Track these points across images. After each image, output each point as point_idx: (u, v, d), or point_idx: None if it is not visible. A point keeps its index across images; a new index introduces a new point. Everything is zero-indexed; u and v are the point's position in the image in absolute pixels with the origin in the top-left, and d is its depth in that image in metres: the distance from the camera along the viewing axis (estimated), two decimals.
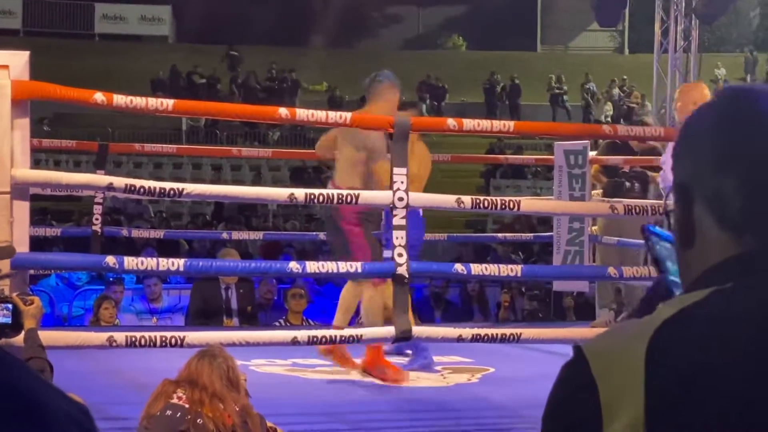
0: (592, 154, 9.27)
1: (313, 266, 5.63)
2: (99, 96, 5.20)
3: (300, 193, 5.65)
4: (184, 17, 32.07)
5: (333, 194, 5.66)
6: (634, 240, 9.00)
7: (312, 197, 5.61)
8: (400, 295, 5.68)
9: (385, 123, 5.97)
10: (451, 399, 6.31)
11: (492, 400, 6.31)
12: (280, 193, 5.93)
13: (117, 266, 5.24)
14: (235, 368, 4.29)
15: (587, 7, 14.84)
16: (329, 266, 5.67)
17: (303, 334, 5.61)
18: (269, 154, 13.64)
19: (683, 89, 7.48)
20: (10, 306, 4.01)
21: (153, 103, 5.51)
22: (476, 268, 6.01)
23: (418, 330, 5.78)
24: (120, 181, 5.41)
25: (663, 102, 13.04)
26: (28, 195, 5.12)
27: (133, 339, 5.09)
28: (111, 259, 5.23)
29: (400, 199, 5.60)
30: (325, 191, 5.71)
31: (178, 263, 5.55)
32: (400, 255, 5.60)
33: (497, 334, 5.80)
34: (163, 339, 5.12)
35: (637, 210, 6.43)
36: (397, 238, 5.63)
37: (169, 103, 5.52)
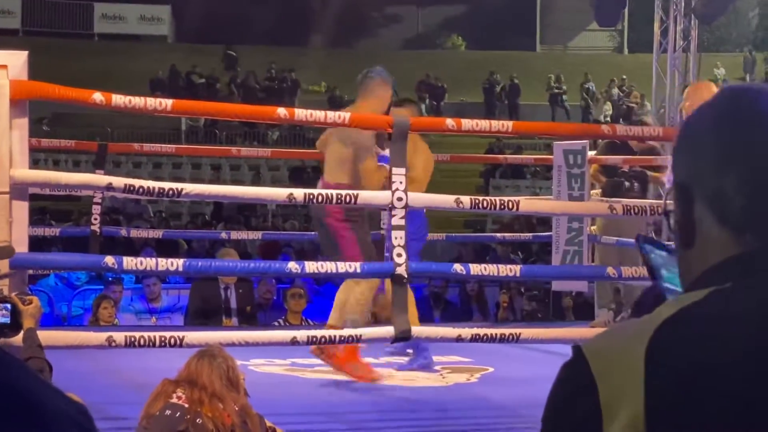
0: (591, 153, 9.28)
1: (312, 266, 5.63)
2: (98, 96, 5.20)
3: (299, 193, 5.64)
4: (184, 17, 32.06)
5: (332, 194, 5.65)
6: (633, 240, 9.01)
7: (311, 197, 5.60)
8: (399, 294, 5.67)
9: (384, 123, 5.96)
10: (450, 399, 6.31)
11: (491, 399, 6.31)
12: (279, 193, 5.92)
13: (116, 266, 5.24)
14: (235, 368, 4.29)
15: (586, 7, 14.84)
16: (328, 266, 5.66)
17: (302, 334, 5.61)
18: (268, 153, 13.64)
19: (692, 89, 7.47)
20: (9, 306, 4.01)
21: (152, 103, 5.51)
22: (475, 268, 6.00)
23: (417, 330, 5.77)
24: (119, 181, 5.41)
25: (662, 102, 13.03)
26: (27, 195, 5.11)
27: (132, 339, 5.09)
28: (110, 259, 5.23)
29: (399, 199, 5.59)
30: (324, 191, 5.69)
31: (177, 263, 5.54)
32: (399, 255, 5.60)
33: (496, 334, 5.80)
34: (162, 339, 5.12)
35: (636, 210, 6.43)
36: (395, 238, 5.62)
37: (167, 103, 5.51)
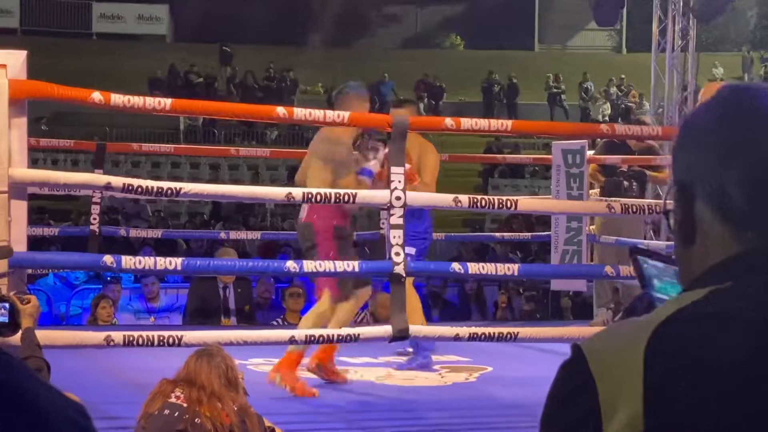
0: (589, 153, 9.28)
1: (310, 265, 5.62)
2: (96, 95, 5.20)
3: (298, 192, 5.64)
4: (182, 16, 32.03)
5: (330, 193, 5.64)
6: (632, 239, 9.01)
7: (309, 196, 5.60)
8: (397, 293, 5.67)
9: (383, 122, 5.97)
10: (449, 398, 6.31)
11: (490, 399, 6.31)
12: (278, 192, 5.92)
13: (114, 265, 5.23)
14: (234, 368, 4.28)
15: (585, 7, 14.83)
16: (327, 265, 5.66)
17: (300, 334, 5.61)
18: (267, 153, 13.61)
19: (708, 89, 7.48)
20: (7, 305, 4.01)
21: (150, 102, 5.51)
22: (473, 267, 6.00)
23: (415, 329, 5.77)
24: (118, 181, 5.41)
25: (661, 101, 13.03)
26: (26, 194, 5.11)
27: (131, 338, 5.08)
28: (108, 259, 5.22)
29: (398, 198, 5.59)
30: (322, 190, 5.68)
31: (175, 262, 5.54)
32: (397, 254, 5.59)
33: (495, 333, 5.79)
34: (161, 338, 5.12)
35: (635, 209, 6.43)
36: (394, 237, 5.61)
37: (166, 102, 5.51)
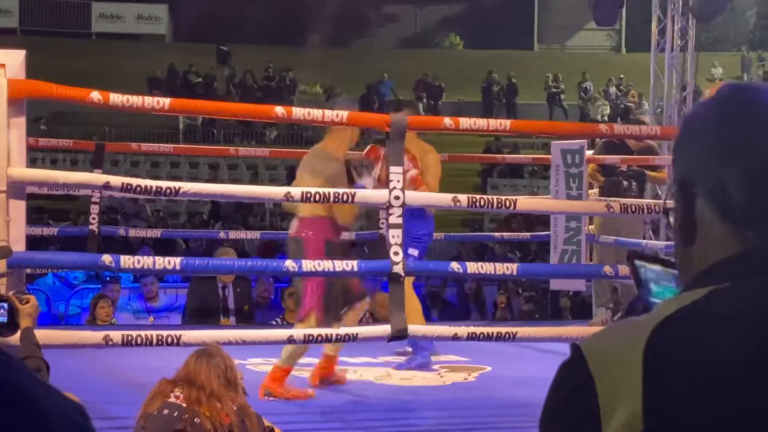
0: (589, 153, 9.28)
1: (309, 265, 5.62)
2: (95, 95, 5.19)
3: (296, 192, 5.64)
4: (181, 16, 32.03)
5: (329, 193, 5.63)
6: (631, 239, 9.01)
7: (308, 196, 5.60)
8: (396, 293, 5.67)
9: (381, 122, 5.96)
10: (448, 398, 6.31)
11: (489, 398, 6.32)
12: (277, 192, 5.92)
13: (113, 265, 5.23)
14: (233, 368, 4.28)
15: (584, 6, 14.81)
16: (325, 265, 5.66)
17: (299, 333, 5.61)
18: (266, 153, 13.60)
19: (713, 91, 7.49)
20: (6, 305, 4.01)
21: (149, 102, 5.50)
22: (472, 267, 5.99)
23: (414, 329, 5.77)
24: (117, 180, 5.41)
25: (660, 101, 13.03)
26: (25, 194, 5.11)
27: (130, 338, 5.08)
28: (107, 258, 5.22)
29: (396, 198, 5.59)
30: (321, 190, 5.67)
31: (174, 262, 5.54)
32: (396, 254, 5.59)
33: (493, 333, 5.79)
34: (160, 338, 5.12)
35: (634, 209, 6.44)
36: (393, 236, 5.61)
37: (165, 102, 5.51)
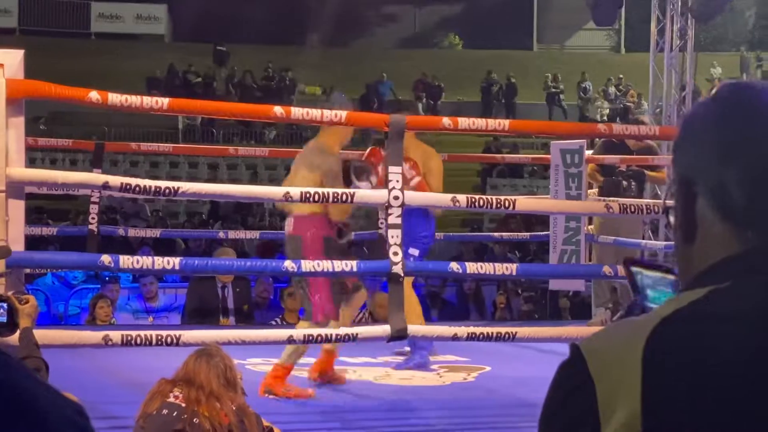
0: (588, 153, 9.28)
1: (308, 265, 5.62)
2: (94, 95, 5.19)
3: (296, 192, 5.64)
4: (181, 16, 32.03)
5: (328, 192, 5.64)
6: (631, 239, 9.01)
7: (307, 196, 5.60)
8: (395, 293, 5.66)
9: (380, 122, 5.96)
10: (447, 397, 6.31)
11: (488, 398, 6.32)
12: (276, 192, 5.92)
13: (113, 265, 5.23)
14: (233, 368, 4.28)
15: (583, 6, 14.79)
16: (325, 265, 5.66)
17: (299, 333, 5.61)
18: (266, 153, 13.58)
19: None
20: (5, 305, 4.00)
21: (148, 101, 5.50)
22: (471, 267, 6.00)
23: (413, 329, 5.77)
24: (116, 180, 5.41)
25: (659, 101, 13.03)
26: (24, 194, 5.11)
27: (129, 338, 5.08)
28: (107, 258, 5.22)
29: (396, 198, 5.58)
30: (320, 190, 5.67)
31: (174, 262, 5.54)
32: (395, 254, 5.59)
33: (493, 333, 5.79)
34: (159, 338, 5.12)
35: (633, 209, 6.44)
36: (392, 236, 5.61)
37: (164, 102, 5.50)
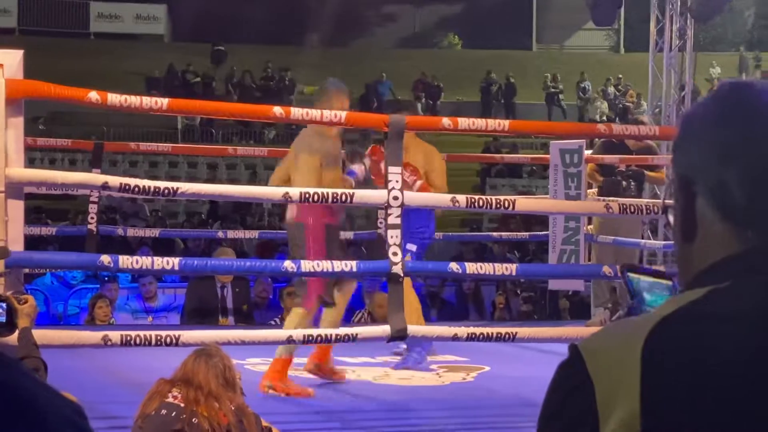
0: (587, 153, 9.28)
1: (307, 265, 5.62)
2: (94, 95, 5.19)
3: (295, 192, 5.64)
4: (180, 16, 32.02)
5: (328, 193, 5.64)
6: (630, 239, 9.02)
7: (307, 196, 5.60)
8: (395, 293, 5.66)
9: (379, 122, 5.96)
10: (446, 397, 6.31)
11: (487, 398, 6.32)
12: (276, 192, 5.92)
13: (112, 265, 5.23)
14: (232, 368, 4.28)
15: (582, 6, 14.78)
16: (324, 265, 5.66)
17: (298, 333, 5.61)
18: (265, 152, 13.57)
19: None
20: (4, 305, 4.00)
21: (147, 102, 5.50)
22: (471, 267, 6.00)
23: (413, 329, 5.77)
24: (115, 180, 5.41)
25: (658, 101, 13.03)
26: (23, 194, 5.11)
27: (128, 338, 5.08)
28: (106, 258, 5.22)
29: (395, 198, 5.58)
30: (320, 190, 5.67)
31: (173, 262, 5.54)
32: (394, 254, 5.59)
33: (492, 333, 5.79)
34: (158, 338, 5.12)
35: (633, 209, 6.44)
36: (391, 236, 5.61)
37: (163, 102, 5.51)
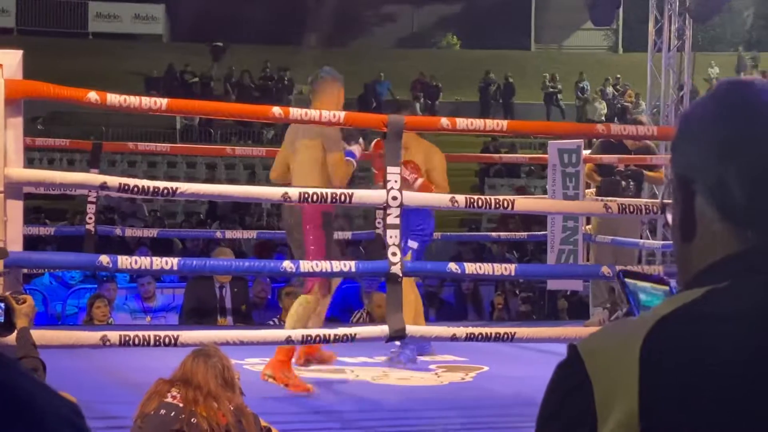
0: (586, 152, 9.28)
1: (306, 265, 5.62)
2: (93, 95, 5.19)
3: (294, 192, 5.64)
4: (178, 16, 32.02)
5: (327, 193, 5.64)
6: (628, 239, 9.02)
7: (306, 196, 5.60)
8: (393, 293, 5.67)
9: (378, 122, 5.96)
10: (445, 397, 6.31)
11: (486, 398, 6.31)
12: (274, 192, 5.92)
13: (110, 265, 5.23)
14: (230, 367, 4.28)
15: (581, 6, 14.81)
16: (323, 265, 5.66)
17: (297, 333, 5.61)
18: (263, 152, 13.55)
19: None
20: (3, 305, 4.00)
21: (146, 102, 5.50)
22: (470, 267, 6.00)
23: (412, 329, 5.77)
24: (113, 180, 5.41)
25: (657, 101, 13.03)
26: (22, 194, 5.11)
27: (127, 338, 5.08)
28: (104, 258, 5.22)
29: (394, 198, 5.59)
30: (319, 190, 5.68)
31: (171, 262, 5.54)
32: (393, 254, 5.59)
33: (491, 333, 5.79)
34: (157, 338, 5.12)
35: (631, 209, 6.44)
36: (390, 236, 5.61)
37: (162, 102, 5.51)
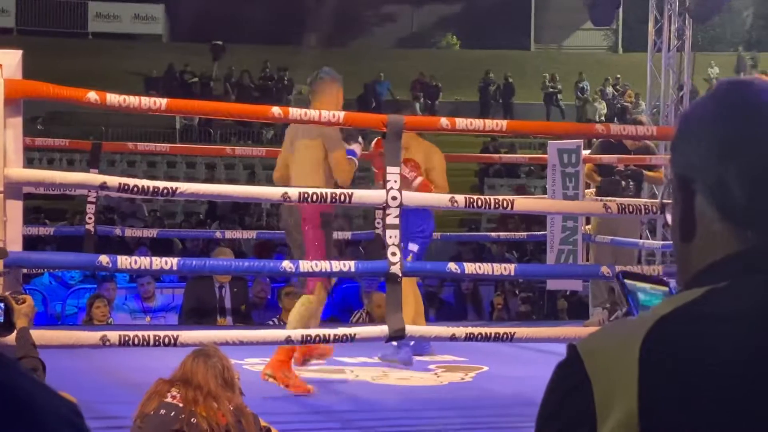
0: (585, 153, 9.28)
1: (306, 265, 5.62)
2: (92, 95, 5.19)
3: (293, 192, 5.64)
4: (178, 16, 32.02)
5: (326, 193, 5.64)
6: (628, 239, 9.02)
7: (305, 196, 5.60)
8: (393, 293, 5.67)
9: (378, 122, 5.97)
10: (445, 397, 6.31)
11: (485, 398, 6.32)
12: (274, 192, 5.92)
13: (110, 265, 5.22)
14: (230, 367, 4.28)
15: (581, 6, 14.79)
16: (323, 265, 5.66)
17: (296, 333, 5.61)
18: (263, 153, 13.56)
19: None
20: (2, 305, 4.00)
21: (146, 102, 5.50)
22: (470, 267, 6.00)
23: (411, 329, 5.77)
24: (113, 180, 5.40)
25: (656, 101, 13.03)
26: (21, 194, 5.10)
27: (127, 338, 5.08)
28: (104, 258, 5.22)
29: (394, 198, 5.59)
30: (318, 190, 5.68)
31: (171, 262, 5.54)
32: (393, 254, 5.59)
33: (491, 333, 5.79)
34: (157, 338, 5.12)
35: (631, 209, 6.44)
36: (390, 237, 5.61)
37: (162, 102, 5.51)
